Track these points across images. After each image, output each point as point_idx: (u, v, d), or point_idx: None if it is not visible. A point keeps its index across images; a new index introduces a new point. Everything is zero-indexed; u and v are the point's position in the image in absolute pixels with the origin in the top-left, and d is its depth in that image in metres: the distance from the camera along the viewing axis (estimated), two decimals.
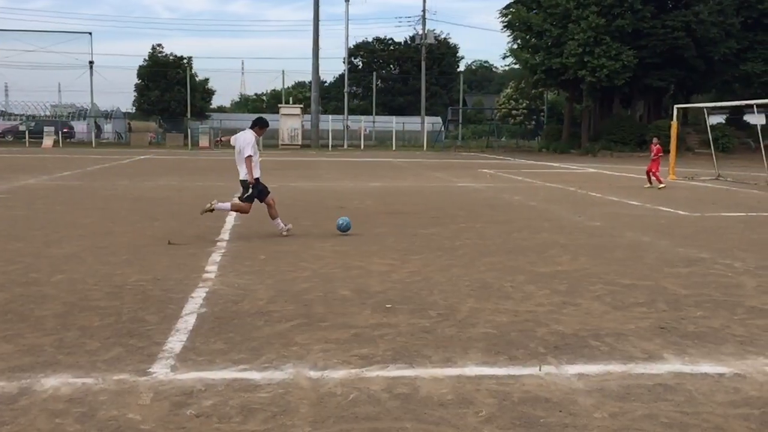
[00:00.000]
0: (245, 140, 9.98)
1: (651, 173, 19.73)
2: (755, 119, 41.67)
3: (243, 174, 10.12)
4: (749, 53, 44.44)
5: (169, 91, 57.96)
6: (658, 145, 19.84)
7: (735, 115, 52.94)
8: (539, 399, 4.14)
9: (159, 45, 60.32)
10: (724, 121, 51.17)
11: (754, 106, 25.85)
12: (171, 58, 59.52)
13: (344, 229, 10.33)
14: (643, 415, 3.92)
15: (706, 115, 28.92)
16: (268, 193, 10.36)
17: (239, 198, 10.42)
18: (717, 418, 3.89)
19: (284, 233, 10.19)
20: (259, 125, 10.25)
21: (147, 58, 59.31)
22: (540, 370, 4.63)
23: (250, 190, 10.12)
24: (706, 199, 16.94)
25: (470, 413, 3.92)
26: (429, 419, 3.83)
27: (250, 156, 9.86)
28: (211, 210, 10.06)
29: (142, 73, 58.75)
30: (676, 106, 26.72)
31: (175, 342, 5.12)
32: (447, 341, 5.22)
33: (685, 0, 41.81)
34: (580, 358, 4.89)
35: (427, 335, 5.37)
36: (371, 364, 4.69)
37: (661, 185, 19.46)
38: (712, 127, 31.90)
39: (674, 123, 25.45)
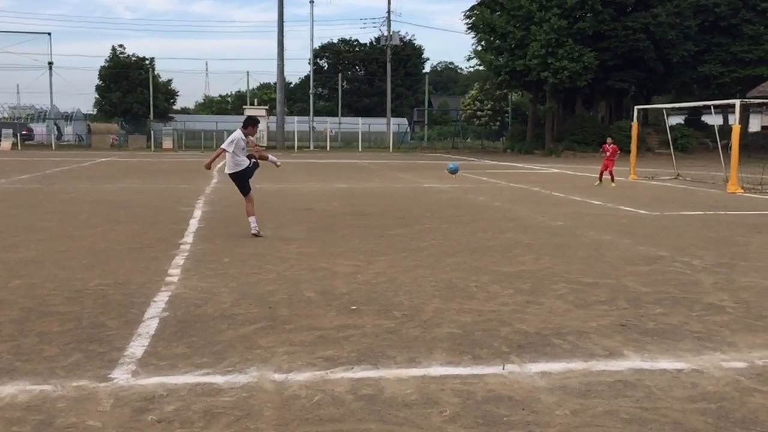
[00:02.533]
0: (231, 136, 10.41)
1: (608, 171, 20.27)
2: (713, 120, 42.64)
3: (230, 168, 10.42)
4: (707, 55, 45.53)
5: (132, 92, 57.27)
6: (613, 145, 20.34)
7: (693, 116, 54.16)
8: (502, 397, 4.17)
9: (121, 45, 59.62)
10: (683, 122, 52.29)
11: (712, 107, 26.39)
12: (133, 58, 58.78)
13: (454, 171, 10.62)
14: (603, 411, 3.98)
15: (665, 116, 29.47)
16: (250, 189, 10.59)
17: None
18: (675, 413, 3.96)
19: (253, 233, 10.17)
20: (251, 124, 10.57)
21: (108, 58, 58.52)
22: (503, 368, 4.67)
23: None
24: (666, 198, 17.25)
25: (434, 413, 3.93)
26: (393, 420, 3.83)
27: (223, 149, 10.25)
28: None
29: (104, 74, 57.97)
30: (636, 107, 27.20)
31: (137, 347, 5.04)
32: (412, 342, 5.23)
33: (645, 2, 42.56)
34: (542, 356, 4.94)
35: (392, 336, 5.37)
36: (336, 365, 4.67)
37: (613, 184, 20.07)
38: (671, 127, 32.52)
39: (635, 124, 25.91)
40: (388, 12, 63.15)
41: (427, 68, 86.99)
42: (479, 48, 47.83)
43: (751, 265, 8.33)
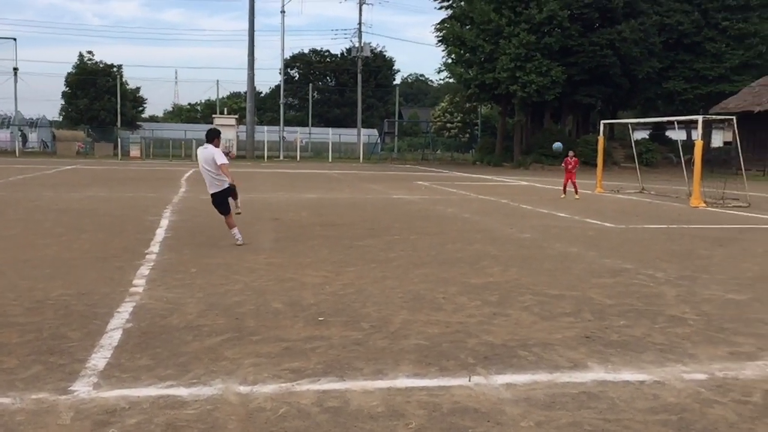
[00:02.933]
0: (212, 153, 10.18)
1: (571, 183, 20.61)
2: (677, 135, 43.44)
3: (214, 188, 10.25)
4: (671, 72, 46.51)
5: (99, 99, 56.53)
6: (575, 158, 20.82)
7: (658, 131, 55.10)
8: (468, 409, 4.18)
9: (90, 52, 58.76)
10: (648, 137, 53.16)
11: (675, 122, 26.88)
12: (101, 65, 58.07)
13: (558, 150, 10.75)
14: (567, 423, 4.01)
15: (630, 131, 29.98)
16: (229, 208, 10.50)
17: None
18: (637, 425, 4.01)
19: (238, 243, 10.22)
20: (218, 136, 10.51)
21: (75, 65, 57.73)
22: (470, 380, 4.68)
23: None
24: (631, 211, 17.50)
25: (400, 425, 3.93)
26: None
27: (224, 164, 10.19)
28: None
29: (70, 80, 57.13)
30: (602, 121, 27.60)
31: (99, 359, 4.96)
32: (379, 353, 5.23)
33: (610, 17, 43.27)
34: (508, 368, 4.96)
35: (359, 347, 5.36)
36: (302, 377, 4.65)
37: (577, 196, 20.46)
38: (636, 142, 33.04)
39: (601, 138, 26.23)
40: (360, 23, 63.26)
41: (397, 80, 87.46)
42: (449, 61, 48.16)
43: (712, 278, 8.48)
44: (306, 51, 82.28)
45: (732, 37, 45.11)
